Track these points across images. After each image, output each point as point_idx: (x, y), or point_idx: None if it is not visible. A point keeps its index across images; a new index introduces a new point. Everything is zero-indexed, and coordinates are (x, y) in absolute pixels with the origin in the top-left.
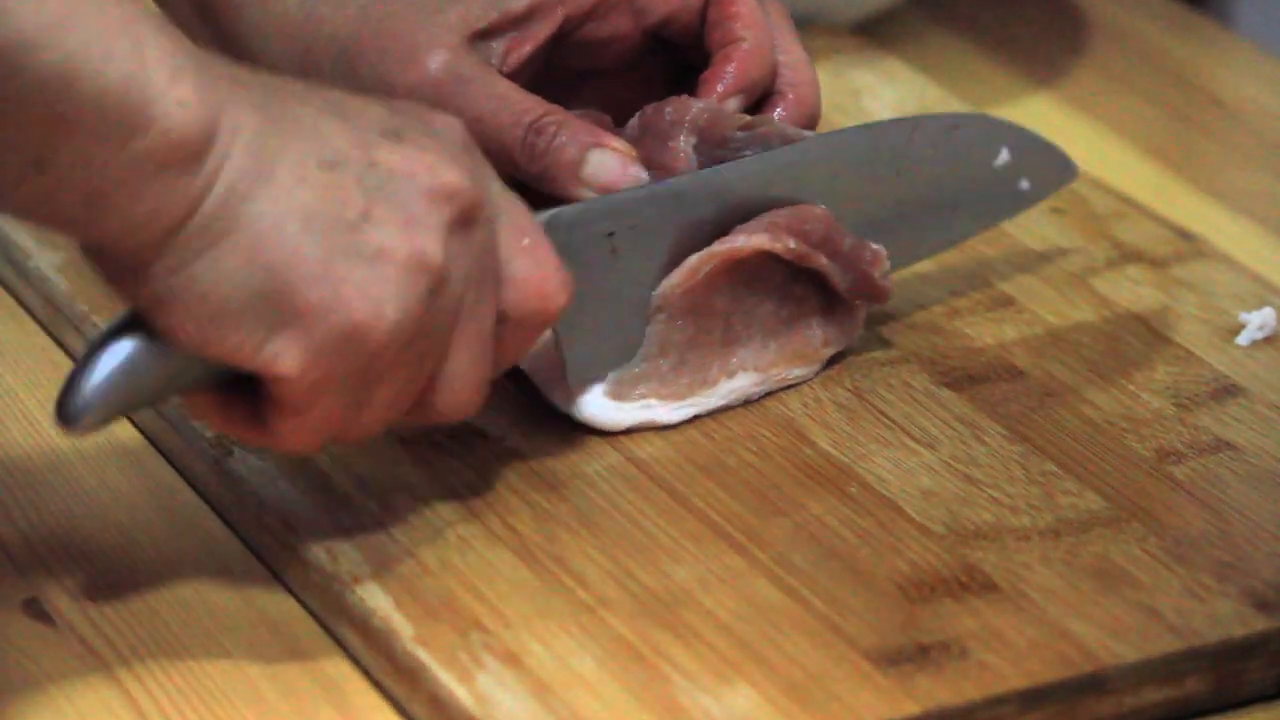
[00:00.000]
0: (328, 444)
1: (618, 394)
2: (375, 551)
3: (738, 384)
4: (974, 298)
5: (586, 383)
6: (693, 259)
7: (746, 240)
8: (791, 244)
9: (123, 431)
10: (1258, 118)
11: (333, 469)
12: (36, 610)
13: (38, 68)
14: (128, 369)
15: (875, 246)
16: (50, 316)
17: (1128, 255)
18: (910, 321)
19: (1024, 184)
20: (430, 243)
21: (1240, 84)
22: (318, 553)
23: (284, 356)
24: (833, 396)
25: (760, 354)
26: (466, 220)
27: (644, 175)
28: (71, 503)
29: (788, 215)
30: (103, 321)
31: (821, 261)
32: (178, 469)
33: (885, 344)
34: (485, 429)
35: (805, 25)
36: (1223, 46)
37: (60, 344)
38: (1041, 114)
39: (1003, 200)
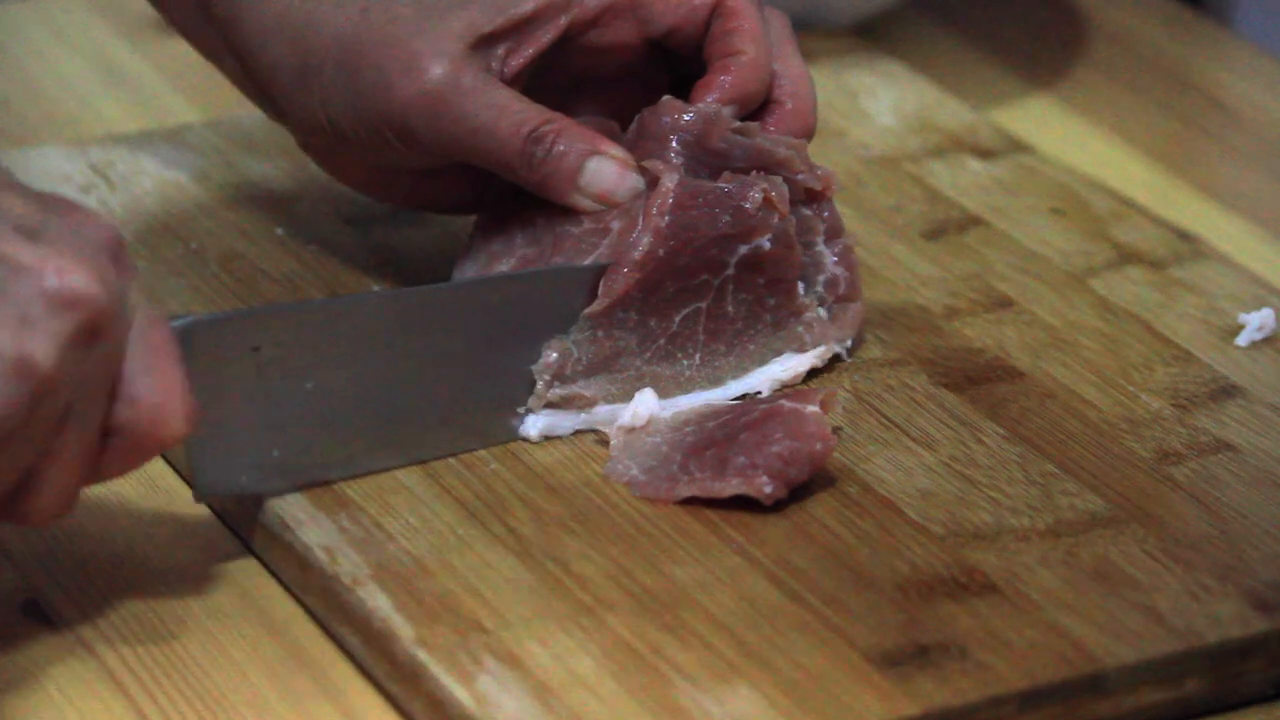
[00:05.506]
0: None
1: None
2: (375, 553)
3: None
4: (974, 298)
5: (217, 493)
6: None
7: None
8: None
9: None
10: (1257, 118)
11: None
12: (36, 610)
13: None
14: None
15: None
16: None
17: (1127, 256)
18: (910, 322)
19: None
20: (41, 348)
21: (1240, 84)
22: (318, 554)
23: None
24: None
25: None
26: (89, 331)
27: (641, 184)
28: None
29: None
30: None
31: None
32: (177, 470)
33: (885, 344)
34: None
35: (804, 26)
36: (1223, 47)
37: None
38: (1041, 115)
39: None
